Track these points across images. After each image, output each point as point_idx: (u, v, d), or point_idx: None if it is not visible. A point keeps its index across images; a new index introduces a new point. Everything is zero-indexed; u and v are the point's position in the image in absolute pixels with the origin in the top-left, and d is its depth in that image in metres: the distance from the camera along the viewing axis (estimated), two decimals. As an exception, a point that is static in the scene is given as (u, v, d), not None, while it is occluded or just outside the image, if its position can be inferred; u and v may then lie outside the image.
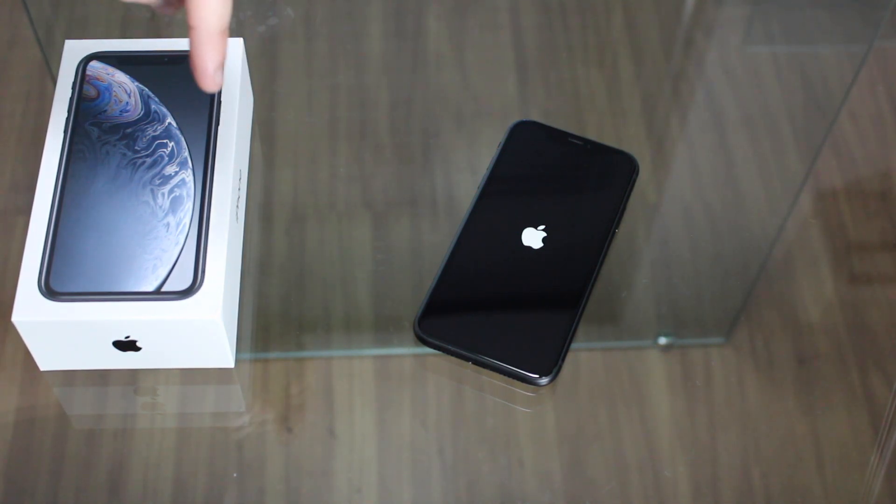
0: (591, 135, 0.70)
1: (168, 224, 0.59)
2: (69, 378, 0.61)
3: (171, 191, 0.60)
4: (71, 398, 0.61)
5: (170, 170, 0.61)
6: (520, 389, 0.61)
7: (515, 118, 0.69)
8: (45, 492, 0.58)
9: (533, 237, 0.64)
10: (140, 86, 0.64)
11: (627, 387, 0.62)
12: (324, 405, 0.61)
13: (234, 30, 0.75)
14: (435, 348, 0.61)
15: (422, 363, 0.63)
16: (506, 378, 0.61)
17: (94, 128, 0.62)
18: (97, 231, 0.59)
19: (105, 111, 0.63)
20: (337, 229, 0.68)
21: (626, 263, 0.66)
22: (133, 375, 0.61)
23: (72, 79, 0.64)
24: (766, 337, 0.64)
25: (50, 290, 0.57)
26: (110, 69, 0.64)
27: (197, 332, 0.58)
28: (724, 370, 0.63)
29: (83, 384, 0.61)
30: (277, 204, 0.68)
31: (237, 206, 0.63)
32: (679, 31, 0.78)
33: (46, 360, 0.60)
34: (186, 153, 0.62)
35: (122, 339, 0.58)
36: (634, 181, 0.67)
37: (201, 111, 0.63)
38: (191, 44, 0.49)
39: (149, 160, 0.61)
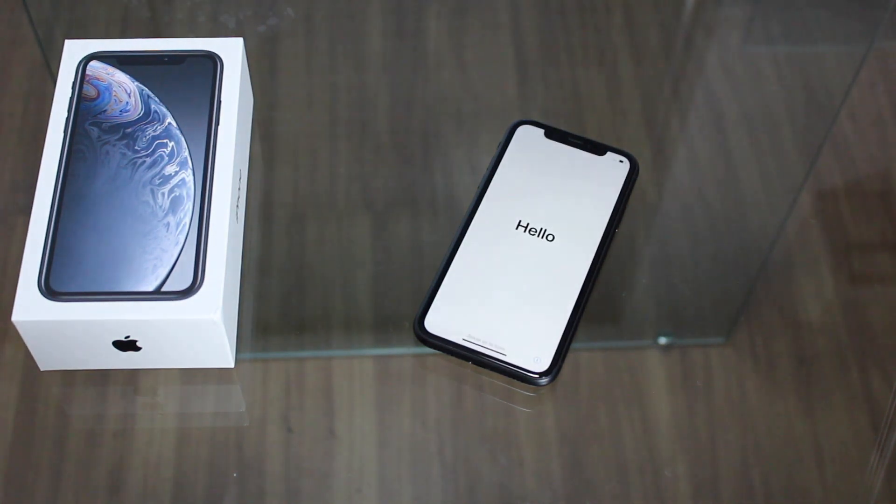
0: (591, 135, 0.70)
1: (168, 224, 0.59)
2: (69, 378, 0.61)
3: (171, 191, 0.60)
4: (71, 398, 0.61)
5: (170, 170, 0.61)
6: (520, 389, 0.61)
7: (515, 118, 0.69)
8: (45, 492, 0.58)
9: (533, 237, 0.64)
10: (140, 86, 0.64)
11: (627, 387, 0.62)
12: (324, 405, 0.61)
13: (234, 30, 0.75)
14: (435, 348, 0.61)
15: (422, 363, 0.63)
16: (506, 378, 0.61)
17: (94, 128, 0.62)
18: (97, 231, 0.59)
19: (105, 111, 0.63)
20: (337, 229, 0.68)
21: (626, 263, 0.66)
22: (133, 375, 0.61)
23: (72, 79, 0.64)
24: (766, 337, 0.64)
25: (50, 290, 0.57)
26: (110, 69, 0.64)
27: (197, 332, 0.58)
28: (724, 370, 0.63)
29: (83, 384, 0.61)
30: (277, 204, 0.68)
31: (237, 206, 0.63)
32: (679, 31, 0.78)
33: (46, 360, 0.60)
34: (186, 153, 0.62)
35: (122, 339, 0.58)
36: (634, 181, 0.67)
37: (201, 111, 0.63)
38: None
39: (149, 160, 0.61)
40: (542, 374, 0.60)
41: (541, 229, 0.64)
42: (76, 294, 0.57)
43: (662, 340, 0.64)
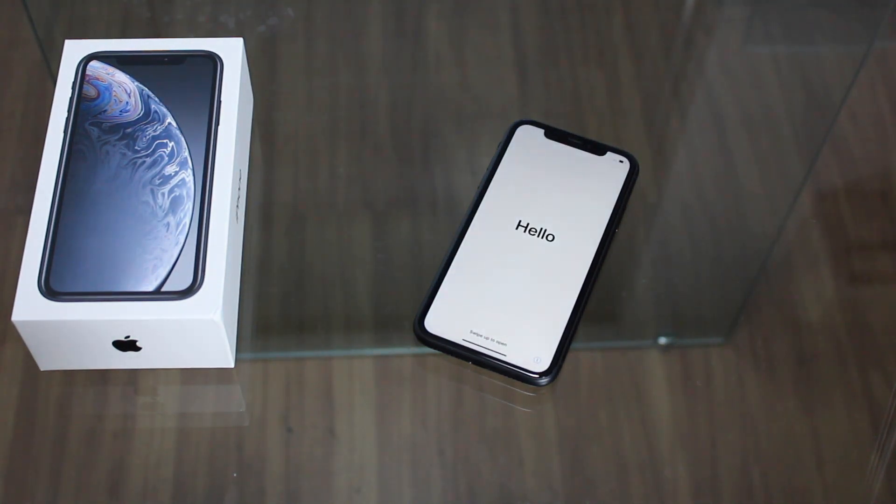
0: (591, 135, 0.70)
1: (168, 224, 0.59)
2: (69, 378, 0.61)
3: (171, 191, 0.60)
4: (71, 398, 0.61)
5: (170, 170, 0.61)
6: (520, 389, 0.61)
7: (515, 118, 0.69)
8: (45, 492, 0.58)
9: (533, 237, 0.64)
10: (140, 86, 0.64)
11: (627, 387, 0.62)
12: (324, 405, 0.61)
13: (234, 30, 0.75)
14: (435, 348, 0.61)
15: (422, 363, 0.63)
16: (506, 378, 0.61)
17: (94, 128, 0.62)
18: (97, 231, 0.59)
19: (105, 111, 0.63)
20: (337, 229, 0.68)
21: (626, 263, 0.66)
22: (133, 375, 0.61)
23: (72, 79, 0.64)
24: (766, 337, 0.64)
25: (50, 290, 0.57)
26: (110, 69, 0.64)
27: (197, 332, 0.58)
28: (724, 370, 0.63)
29: (83, 384, 0.61)
30: (277, 204, 0.68)
31: (237, 206, 0.63)
32: (679, 31, 0.78)
33: (46, 360, 0.60)
34: (186, 153, 0.62)
35: (122, 339, 0.58)
36: (634, 181, 0.67)
37: (201, 111, 0.63)
38: None
39: (149, 160, 0.61)
40: (542, 374, 0.60)
41: (541, 229, 0.64)
42: (76, 294, 0.57)
43: (662, 340, 0.64)
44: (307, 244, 0.67)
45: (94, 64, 0.65)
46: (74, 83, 0.64)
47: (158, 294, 0.57)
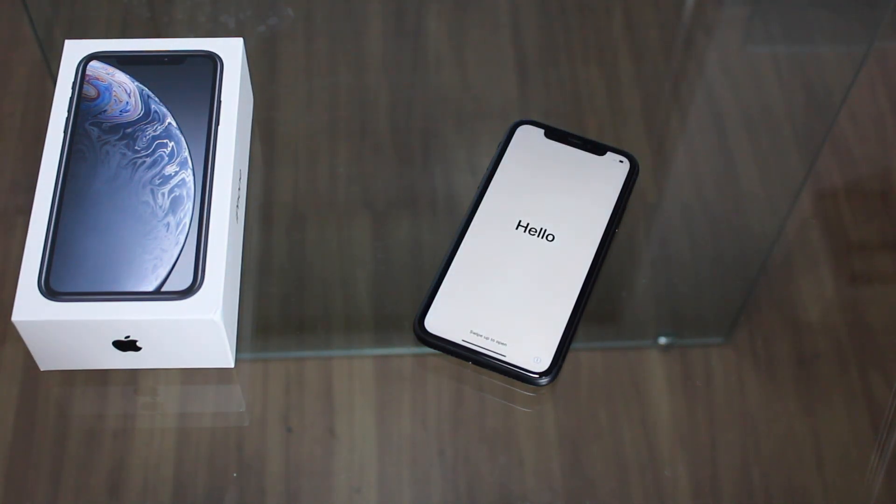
0: (591, 135, 0.70)
1: (168, 224, 0.59)
2: (69, 378, 0.61)
3: (171, 191, 0.60)
4: (71, 398, 0.61)
5: (170, 170, 0.61)
6: (520, 389, 0.61)
7: (515, 118, 0.69)
8: (45, 492, 0.58)
9: (533, 237, 0.64)
10: (140, 86, 0.64)
11: (627, 387, 0.62)
12: (324, 405, 0.61)
13: (234, 30, 0.75)
14: (435, 348, 0.61)
15: (422, 363, 0.63)
16: (506, 378, 0.61)
17: (94, 128, 0.62)
18: (97, 231, 0.59)
19: (105, 111, 0.63)
20: (337, 229, 0.68)
21: (626, 263, 0.66)
22: (133, 375, 0.61)
23: (72, 79, 0.64)
24: (766, 337, 0.64)
25: (50, 290, 0.57)
26: (110, 69, 0.64)
27: (197, 332, 0.58)
28: (724, 370, 0.63)
29: (83, 384, 0.61)
30: (277, 204, 0.68)
31: (237, 206, 0.63)
32: (679, 31, 0.78)
33: (46, 360, 0.60)
34: (186, 153, 0.62)
35: (122, 339, 0.58)
36: (634, 181, 0.67)
37: (201, 111, 0.63)
38: None
39: (149, 160, 0.61)
40: (542, 374, 0.60)
41: (541, 229, 0.64)
42: (76, 294, 0.57)
43: (662, 340, 0.64)
44: (307, 244, 0.67)
45: (94, 64, 0.65)
46: (74, 83, 0.64)
47: (158, 294, 0.57)
